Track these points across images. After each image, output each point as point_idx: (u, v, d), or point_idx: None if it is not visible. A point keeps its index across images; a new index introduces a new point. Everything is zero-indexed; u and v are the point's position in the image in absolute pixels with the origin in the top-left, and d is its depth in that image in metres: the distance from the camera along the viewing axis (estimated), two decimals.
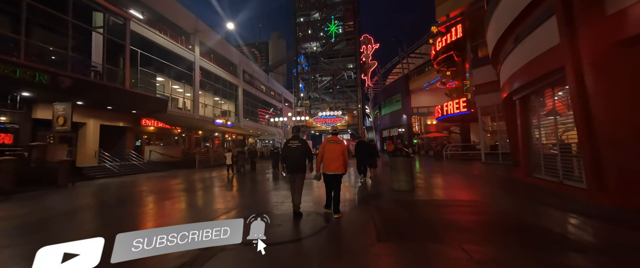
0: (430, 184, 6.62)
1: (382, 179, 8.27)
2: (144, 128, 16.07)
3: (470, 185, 6.46)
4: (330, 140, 4.11)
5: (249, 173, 11.50)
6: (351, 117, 33.72)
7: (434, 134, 21.19)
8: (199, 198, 6.25)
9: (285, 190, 7.08)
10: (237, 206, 5.19)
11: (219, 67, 24.58)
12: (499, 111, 11.23)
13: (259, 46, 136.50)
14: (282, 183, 8.04)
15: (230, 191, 7.18)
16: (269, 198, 5.85)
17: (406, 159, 5.71)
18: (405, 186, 5.65)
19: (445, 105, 14.28)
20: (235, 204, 5.39)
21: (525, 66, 5.83)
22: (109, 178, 10.57)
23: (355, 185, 7.14)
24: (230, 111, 27.82)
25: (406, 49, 31.97)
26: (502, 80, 8.14)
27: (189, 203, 5.71)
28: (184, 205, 5.51)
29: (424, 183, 6.73)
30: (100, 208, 5.62)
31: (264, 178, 9.90)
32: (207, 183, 8.80)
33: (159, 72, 17.79)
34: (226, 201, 5.75)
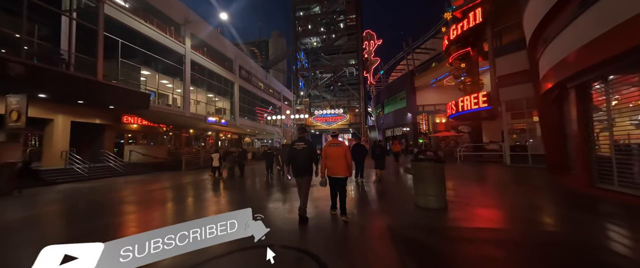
0: (463, 197, 5.06)
1: (396, 187, 6.74)
2: (125, 126, 14.57)
3: (520, 200, 4.89)
4: (331, 143, 3.98)
5: (238, 177, 9.98)
6: (353, 115, 32.18)
7: (444, 133, 19.62)
8: (169, 212, 4.73)
9: (281, 195, 5.58)
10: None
11: (212, 62, 23.08)
12: (529, 105, 9.65)
13: (259, 45, 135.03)
14: (276, 188, 6.55)
15: (215, 199, 5.67)
16: (265, 206, 4.38)
17: (436, 166, 4.16)
18: (434, 203, 4.11)
19: (460, 101, 12.71)
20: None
21: (597, 40, 4.26)
22: (74, 183, 9.07)
23: (366, 194, 5.63)
24: (225, 109, 26.32)
25: (411, 43, 30.34)
26: (546, 68, 6.58)
27: (153, 218, 4.21)
28: (143, 221, 4.00)
29: (453, 196, 5.17)
30: (30, 224, 4.12)
31: (255, 183, 8.37)
32: (188, 190, 7.30)
33: (145, 65, 16.29)
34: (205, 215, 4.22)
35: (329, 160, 3.83)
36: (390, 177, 9.14)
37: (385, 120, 36.45)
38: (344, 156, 3.79)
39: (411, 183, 7.82)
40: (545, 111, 7.76)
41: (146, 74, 16.72)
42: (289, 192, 6.49)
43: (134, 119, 14.61)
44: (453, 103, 13.65)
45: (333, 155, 3.81)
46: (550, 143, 7.80)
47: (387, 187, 6.97)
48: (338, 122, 31.16)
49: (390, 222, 3.64)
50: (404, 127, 30.93)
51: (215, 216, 1.49)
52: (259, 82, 35.49)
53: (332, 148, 3.88)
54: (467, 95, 12.37)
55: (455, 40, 13.29)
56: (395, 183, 7.53)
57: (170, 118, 16.78)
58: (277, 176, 10.19)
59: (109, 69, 13.78)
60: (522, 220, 3.73)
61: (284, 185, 7.96)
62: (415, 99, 29.23)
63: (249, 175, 11.02)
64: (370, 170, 10.26)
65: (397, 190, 6.39)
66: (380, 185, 7.40)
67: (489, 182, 7.23)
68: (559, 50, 5.84)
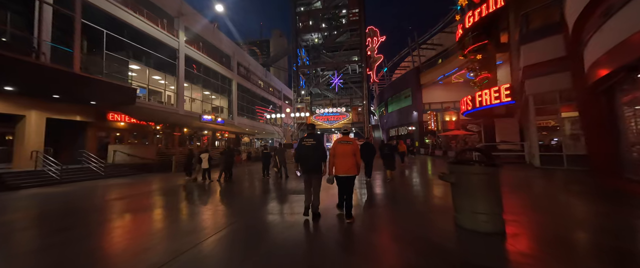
0: (517, 213, 3.81)
1: (411, 192, 5.54)
2: (111, 124, 13.47)
3: (602, 221, 3.65)
4: (341, 140, 3.83)
5: (226, 182, 8.81)
6: (356, 114, 30.92)
7: (455, 131, 18.36)
8: (119, 232, 3.55)
9: (277, 204, 4.40)
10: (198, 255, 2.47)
11: (209, 58, 21.97)
12: (563, 99, 8.39)
13: (260, 44, 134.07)
14: (272, 194, 5.37)
15: (193, 210, 4.50)
16: (259, 219, 3.19)
17: (490, 171, 2.96)
18: (487, 225, 2.90)
19: (478, 96, 11.46)
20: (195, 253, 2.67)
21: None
22: (42, 187, 7.95)
23: (378, 201, 4.45)
24: (222, 107, 25.20)
25: (417, 39, 29.05)
26: (598, 52, 5.35)
27: (98, 240, 3.04)
28: (86, 245, 2.82)
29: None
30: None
31: (246, 189, 7.20)
32: (166, 196, 6.14)
33: (134, 60, 15.18)
34: (188, 237, 3.03)
35: (337, 157, 3.69)
36: (400, 178, 7.95)
37: (389, 119, 35.21)
38: (352, 154, 3.67)
39: (423, 185, 6.80)
40: (591, 105, 6.52)
41: (135, 69, 15.62)
42: (287, 201, 5.30)
43: (121, 116, 13.51)
44: (468, 98, 12.39)
45: (341, 153, 3.68)
46: (596, 143, 6.56)
47: (402, 191, 5.77)
48: (340, 121, 29.94)
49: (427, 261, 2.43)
50: (409, 126, 29.67)
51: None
52: (258, 80, 34.36)
53: (342, 145, 3.73)
54: (486, 89, 11.09)
55: (472, 28, 12.05)
56: (409, 186, 6.33)
57: (161, 116, 15.67)
58: (274, 179, 9.02)
59: (93, 62, 12.70)
60: (621, 252, 2.51)
61: (281, 190, 6.78)
62: (421, 97, 27.98)
63: (241, 178, 9.85)
64: (376, 172, 9.08)
65: (416, 196, 5.19)
66: (393, 188, 6.23)
67: (534, 190, 5.97)
68: (620, 29, 4.63)
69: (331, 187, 6.78)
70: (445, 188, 6.07)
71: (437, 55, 30.74)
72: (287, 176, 9.52)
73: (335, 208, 4.24)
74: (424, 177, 8.44)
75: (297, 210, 4.33)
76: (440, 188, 6.22)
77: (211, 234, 3.27)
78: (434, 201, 4.88)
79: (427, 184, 7.01)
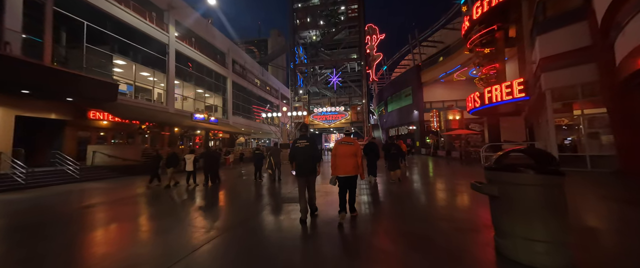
0: (578, 236, 2.96)
1: (422, 197, 4.70)
2: (93, 123, 12.52)
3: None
4: (342, 141, 3.82)
5: (212, 186, 7.94)
6: (355, 113, 30.07)
7: (459, 130, 17.57)
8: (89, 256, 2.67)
9: (273, 217, 3.53)
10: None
11: (202, 55, 21.03)
12: (585, 94, 7.59)
13: (258, 44, 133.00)
14: (265, 202, 4.52)
15: (168, 223, 3.62)
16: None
17: (553, 182, 2.11)
18: (547, 258, 2.05)
19: (487, 92, 10.63)
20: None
21: None
22: (1, 193, 7.00)
23: (386, 209, 3.61)
24: (216, 106, 24.27)
25: (418, 36, 28.27)
26: (633, 42, 4.55)
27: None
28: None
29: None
30: None
31: (234, 195, 6.33)
32: (139, 205, 5.25)
33: (120, 54, 14.23)
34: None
35: (338, 158, 3.69)
36: (405, 181, 7.11)
37: (389, 118, 34.42)
38: (353, 154, 3.65)
39: (436, 191, 5.66)
40: (623, 101, 5.71)
41: (121, 64, 14.67)
42: (282, 213, 4.44)
43: (103, 114, 12.56)
44: (476, 95, 11.58)
45: (343, 154, 3.67)
46: (629, 142, 5.75)
47: (413, 198, 4.92)
48: (339, 121, 29.11)
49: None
50: (409, 126, 28.89)
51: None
52: (255, 78, 33.43)
53: (343, 146, 3.71)
54: (496, 85, 10.27)
55: (480, 19, 11.24)
56: (420, 193, 5.49)
57: (149, 114, 14.72)
58: (268, 183, 8.15)
59: (72, 56, 11.76)
60: None
61: (273, 196, 5.91)
62: (422, 96, 27.21)
63: (230, 182, 8.97)
64: (378, 173, 8.28)
65: (431, 206, 4.34)
66: (401, 194, 5.40)
67: (576, 200, 5.15)
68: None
69: (330, 194, 5.95)
70: (465, 196, 5.23)
71: (438, 53, 29.99)
72: (280, 179, 8.66)
73: (336, 213, 3.80)
74: (434, 181, 7.60)
75: (293, 230, 3.46)
76: (458, 196, 5.37)
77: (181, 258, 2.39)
78: (457, 214, 4.03)
79: (441, 190, 6.17)
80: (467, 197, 5.12)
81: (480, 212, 3.96)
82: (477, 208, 4.22)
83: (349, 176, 3.61)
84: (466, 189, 5.81)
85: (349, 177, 3.62)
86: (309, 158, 3.64)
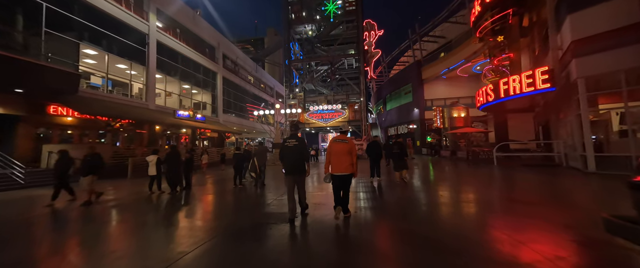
0: None
1: (459, 219, 3.37)
2: (54, 119, 10.99)
3: None
4: (337, 139, 3.91)
5: (181, 193, 6.55)
6: (352, 111, 28.71)
7: (465, 129, 16.30)
8: None
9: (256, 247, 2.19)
10: None
11: (188, 47, 19.51)
12: (631, 82, 6.30)
13: (255, 43, 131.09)
14: (245, 218, 3.18)
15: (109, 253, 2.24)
16: None
17: None
18: None
19: (503, 84, 9.31)
20: None
21: None
22: None
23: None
24: (206, 103, 22.78)
25: (418, 30, 27.03)
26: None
27: None
28: None
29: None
30: None
31: (206, 204, 4.94)
32: (82, 221, 3.85)
33: (90, 43, 12.70)
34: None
35: (333, 156, 3.71)
36: (415, 182, 5.79)
37: (388, 117, 33.16)
38: (348, 153, 3.64)
39: (459, 200, 4.10)
40: None
41: (91, 54, 13.13)
42: (263, 238, 3.06)
43: (68, 110, 11.04)
44: (489, 88, 10.28)
45: (337, 152, 3.68)
46: None
47: (431, 207, 3.59)
48: (336, 119, 27.74)
49: None
50: (409, 124, 27.66)
51: None
52: (248, 75, 31.96)
53: (337, 144, 3.76)
54: (515, 75, 8.96)
55: (493, 3, 9.95)
56: (433, 198, 4.16)
57: (122, 110, 13.21)
58: (249, 190, 6.77)
59: (33, 43, 10.23)
60: None
61: (255, 209, 4.54)
62: (422, 93, 25.98)
63: (203, 189, 7.58)
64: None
65: (456, 221, 3.00)
66: (412, 200, 4.06)
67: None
68: None
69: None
70: (499, 206, 3.89)
71: (439, 48, 28.82)
72: (263, 184, 7.30)
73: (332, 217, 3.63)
74: (457, 190, 6.27)
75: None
76: (486, 207, 4.03)
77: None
78: (496, 236, 2.67)
79: (462, 197, 4.84)
80: (501, 207, 3.78)
81: (532, 236, 2.60)
82: (530, 232, 2.87)
83: (343, 174, 3.62)
84: (495, 197, 4.47)
85: (344, 176, 3.63)
86: (298, 158, 3.63)
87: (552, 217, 3.56)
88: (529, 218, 3.52)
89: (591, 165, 6.80)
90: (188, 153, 7.61)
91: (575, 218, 3.48)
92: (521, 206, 4.17)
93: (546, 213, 3.78)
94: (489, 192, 5.64)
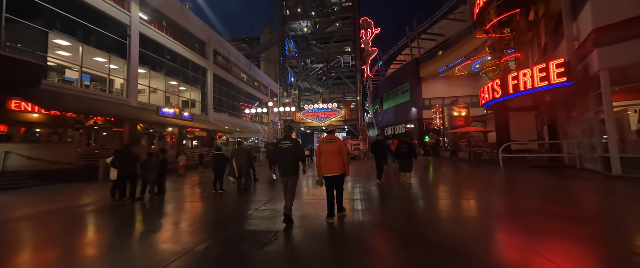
0: None
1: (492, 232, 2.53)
2: (16, 115, 9.87)
3: None
4: (325, 139, 3.84)
5: (150, 201, 5.61)
6: (349, 111, 27.89)
7: (467, 128, 15.56)
8: None
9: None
10: None
11: (176, 42, 18.43)
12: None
13: (250, 42, 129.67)
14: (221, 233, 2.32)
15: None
16: None
17: None
18: None
19: (512, 79, 8.50)
20: None
21: None
22: None
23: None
24: (195, 101, 21.69)
25: (417, 27, 26.34)
26: None
27: None
28: None
29: None
30: None
31: (178, 219, 4.02)
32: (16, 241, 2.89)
33: (62, 33, 11.59)
34: None
35: (323, 156, 3.66)
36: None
37: (385, 117, 32.42)
38: (338, 152, 3.63)
39: (474, 200, 3.78)
40: None
41: (63, 45, 12.01)
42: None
43: (32, 106, 9.93)
44: (495, 84, 9.50)
45: (327, 152, 3.65)
46: None
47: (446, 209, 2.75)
48: (332, 118, 26.88)
49: None
50: (407, 124, 26.94)
51: None
52: (241, 73, 30.87)
53: (326, 144, 3.72)
54: (526, 69, 8.18)
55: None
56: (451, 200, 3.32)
57: (98, 106, 12.11)
58: (231, 197, 5.86)
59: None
60: None
61: (235, 221, 3.63)
62: (420, 92, 25.25)
63: (178, 194, 6.64)
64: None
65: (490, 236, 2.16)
66: (421, 206, 3.21)
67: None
68: None
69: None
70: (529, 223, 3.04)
71: (437, 46, 28.18)
72: (245, 189, 6.41)
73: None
74: (460, 193, 5.44)
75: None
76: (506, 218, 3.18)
77: None
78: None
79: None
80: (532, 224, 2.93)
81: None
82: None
83: (335, 175, 3.60)
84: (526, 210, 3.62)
85: (336, 177, 3.61)
86: (292, 160, 3.58)
87: (615, 239, 2.73)
88: (582, 241, 2.69)
89: (616, 168, 6.04)
90: (161, 154, 6.65)
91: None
92: (562, 222, 3.34)
93: (601, 234, 2.95)
94: (515, 200, 4.81)
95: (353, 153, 20.40)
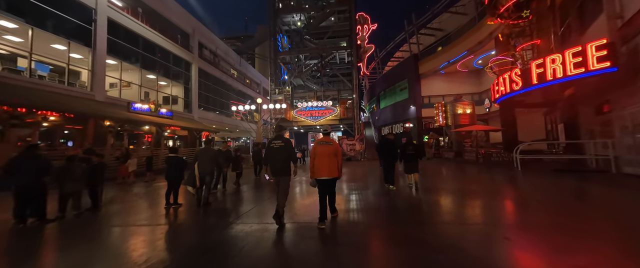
0: None
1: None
2: None
3: None
4: (321, 141, 3.74)
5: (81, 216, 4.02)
6: (344, 109, 26.45)
7: (473, 126, 14.25)
8: None
9: None
10: None
11: (154, 31, 16.65)
12: None
13: (244, 39, 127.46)
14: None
15: None
16: None
17: None
18: None
19: (536, 67, 7.09)
20: None
21: None
22: None
23: None
24: (177, 97, 19.94)
25: (416, 21, 25.07)
26: None
27: None
28: None
29: None
30: None
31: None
32: None
33: (10, 13, 9.81)
34: None
35: (317, 158, 3.59)
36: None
37: (382, 115, 31.08)
38: (333, 154, 3.57)
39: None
40: None
41: (8, 27, 10.21)
42: None
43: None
44: (514, 74, 8.14)
45: (322, 154, 3.58)
46: None
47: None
48: (326, 117, 25.39)
49: None
50: (405, 123, 25.65)
51: None
52: (231, 68, 29.14)
53: (321, 146, 3.63)
54: (556, 54, 6.82)
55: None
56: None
57: (49, 99, 10.35)
58: (193, 211, 4.33)
59: None
60: None
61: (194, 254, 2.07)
62: (419, 89, 23.96)
63: (112, 210, 5.05)
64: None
65: None
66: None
67: None
68: None
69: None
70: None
71: (436, 42, 27.00)
72: (208, 203, 4.88)
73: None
74: (491, 206, 4.03)
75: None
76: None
77: None
78: None
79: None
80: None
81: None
82: None
83: (328, 179, 3.56)
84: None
85: (329, 180, 3.58)
86: (283, 160, 3.56)
87: None
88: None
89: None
90: (96, 156, 5.05)
91: None
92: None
93: None
94: (594, 225, 3.42)
95: (348, 154, 18.98)
